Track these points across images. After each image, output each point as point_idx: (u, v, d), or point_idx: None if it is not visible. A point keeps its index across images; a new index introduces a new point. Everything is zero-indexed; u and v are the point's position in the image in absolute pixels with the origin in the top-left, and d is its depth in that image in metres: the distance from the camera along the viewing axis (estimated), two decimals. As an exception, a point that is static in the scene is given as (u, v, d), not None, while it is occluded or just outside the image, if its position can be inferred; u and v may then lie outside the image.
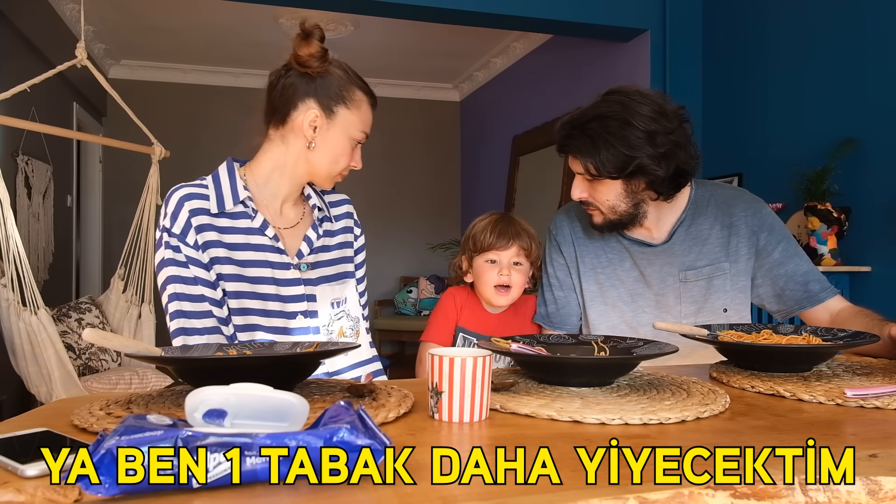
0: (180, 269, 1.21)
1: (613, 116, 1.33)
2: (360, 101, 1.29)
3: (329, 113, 1.26)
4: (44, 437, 0.70)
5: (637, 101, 1.34)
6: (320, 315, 1.30)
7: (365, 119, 1.30)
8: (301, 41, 1.24)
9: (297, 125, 1.26)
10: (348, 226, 1.43)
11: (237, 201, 1.25)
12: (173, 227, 1.21)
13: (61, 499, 0.53)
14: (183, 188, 1.25)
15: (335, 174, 1.31)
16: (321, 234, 1.36)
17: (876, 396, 0.90)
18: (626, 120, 1.32)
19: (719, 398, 0.90)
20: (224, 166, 1.31)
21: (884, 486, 0.61)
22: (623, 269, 1.51)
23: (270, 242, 1.27)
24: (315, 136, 1.27)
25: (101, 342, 0.85)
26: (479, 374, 0.79)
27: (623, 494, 0.56)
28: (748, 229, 1.46)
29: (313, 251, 1.33)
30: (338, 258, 1.38)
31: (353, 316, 1.37)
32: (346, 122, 1.28)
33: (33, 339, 2.97)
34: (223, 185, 1.27)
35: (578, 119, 1.37)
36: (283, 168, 1.30)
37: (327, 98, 1.26)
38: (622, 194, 1.39)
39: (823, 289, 1.44)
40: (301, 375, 0.95)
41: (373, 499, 0.54)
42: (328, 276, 1.34)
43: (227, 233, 1.24)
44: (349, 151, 1.30)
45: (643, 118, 1.32)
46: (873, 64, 2.79)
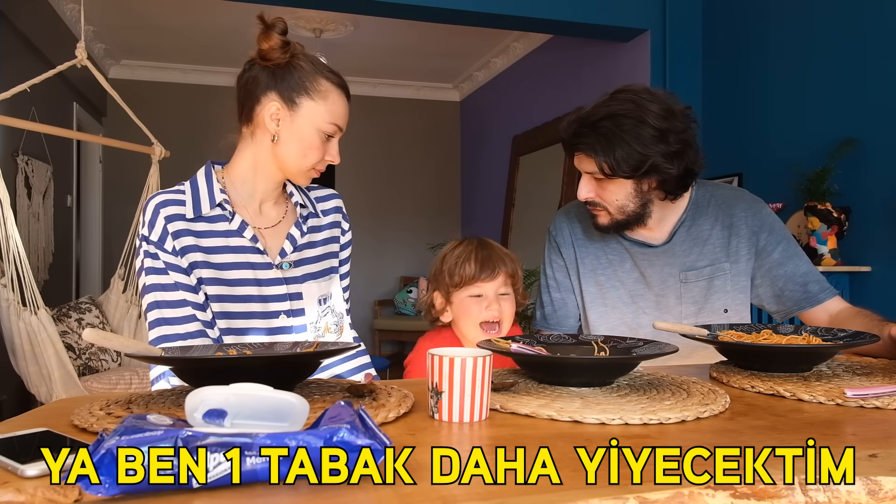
0: (159, 276, 1.21)
1: (627, 115, 1.31)
2: (326, 91, 1.24)
3: (291, 105, 1.23)
4: (44, 437, 0.70)
5: (648, 100, 1.33)
6: (308, 312, 1.30)
7: (333, 110, 1.25)
8: (261, 34, 1.22)
9: (260, 120, 1.24)
10: (336, 221, 1.41)
11: (214, 204, 1.25)
12: (151, 235, 1.21)
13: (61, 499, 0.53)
14: (159, 195, 1.25)
15: (306, 168, 1.27)
16: (305, 232, 1.34)
17: (876, 396, 0.90)
18: (641, 118, 1.31)
19: (719, 398, 0.90)
20: (202, 170, 1.30)
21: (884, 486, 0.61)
22: (623, 270, 1.51)
23: (249, 244, 1.26)
24: (279, 130, 1.24)
25: (101, 342, 0.85)
26: (479, 374, 0.79)
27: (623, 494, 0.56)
28: (748, 229, 1.46)
29: (297, 249, 1.32)
30: (324, 254, 1.36)
31: (337, 311, 1.36)
32: (310, 113, 1.23)
33: (33, 339, 2.97)
34: (200, 188, 1.26)
35: (590, 117, 1.35)
36: (256, 166, 1.28)
37: (289, 90, 1.23)
38: (632, 194, 1.38)
39: (822, 289, 1.44)
40: (301, 375, 0.94)
41: (373, 499, 0.54)
42: (314, 272, 1.33)
43: (204, 237, 1.24)
44: (318, 144, 1.25)
45: (656, 116, 1.31)
46: (873, 64, 2.79)
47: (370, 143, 6.60)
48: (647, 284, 1.49)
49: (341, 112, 1.26)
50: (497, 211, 5.80)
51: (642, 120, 1.31)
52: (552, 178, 4.81)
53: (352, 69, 6.22)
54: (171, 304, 1.21)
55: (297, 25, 5.05)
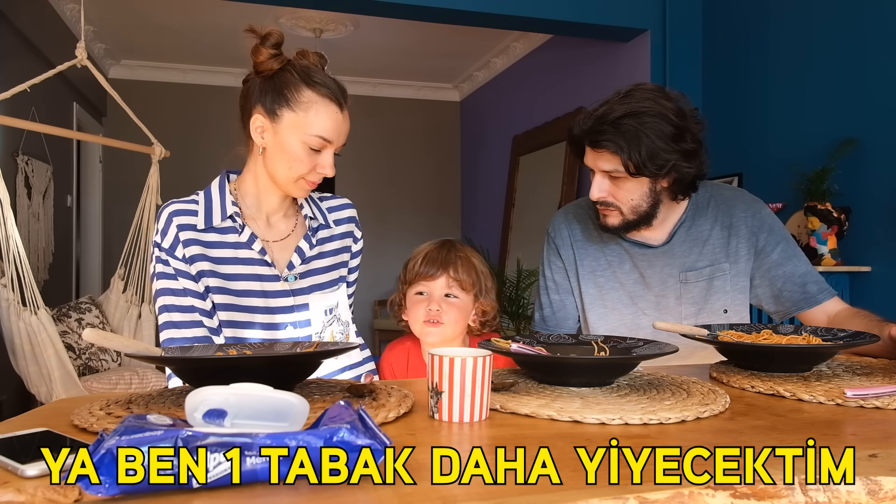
0: (170, 281, 1.25)
1: (648, 112, 1.30)
2: (308, 102, 1.20)
3: (273, 117, 1.21)
4: (44, 437, 0.70)
5: (664, 99, 1.33)
6: (313, 323, 1.31)
7: (317, 122, 1.20)
8: (253, 47, 1.22)
9: (250, 132, 1.25)
10: (349, 231, 1.41)
11: (224, 216, 1.26)
12: (163, 242, 1.25)
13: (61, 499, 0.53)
14: (173, 204, 1.28)
15: (293, 180, 1.24)
16: (315, 244, 1.34)
17: (876, 396, 0.90)
18: (663, 115, 1.30)
19: (719, 398, 0.90)
20: (217, 181, 1.32)
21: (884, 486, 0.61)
22: (623, 271, 1.50)
23: (258, 256, 1.27)
24: (265, 143, 1.23)
25: (101, 342, 0.85)
26: (480, 374, 0.79)
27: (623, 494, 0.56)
28: (748, 230, 1.46)
29: (306, 261, 1.32)
30: (333, 265, 1.37)
31: (343, 320, 1.36)
32: (292, 124, 1.20)
33: (33, 339, 2.97)
34: (213, 200, 1.28)
35: (609, 114, 1.32)
36: (257, 180, 1.29)
37: (271, 101, 1.21)
38: (646, 193, 1.37)
39: (821, 290, 1.44)
40: (301, 375, 0.95)
41: (373, 499, 0.54)
42: (321, 283, 1.33)
43: (213, 247, 1.26)
44: (304, 156, 1.21)
45: (674, 114, 1.31)
46: (873, 64, 2.79)
47: (370, 143, 6.60)
48: (646, 285, 1.49)
49: (327, 124, 1.21)
50: (497, 211, 5.80)
51: (664, 117, 1.30)
52: (552, 178, 4.81)
53: (352, 69, 6.23)
54: (181, 309, 1.24)
55: (297, 25, 5.05)
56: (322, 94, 1.21)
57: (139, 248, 3.67)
